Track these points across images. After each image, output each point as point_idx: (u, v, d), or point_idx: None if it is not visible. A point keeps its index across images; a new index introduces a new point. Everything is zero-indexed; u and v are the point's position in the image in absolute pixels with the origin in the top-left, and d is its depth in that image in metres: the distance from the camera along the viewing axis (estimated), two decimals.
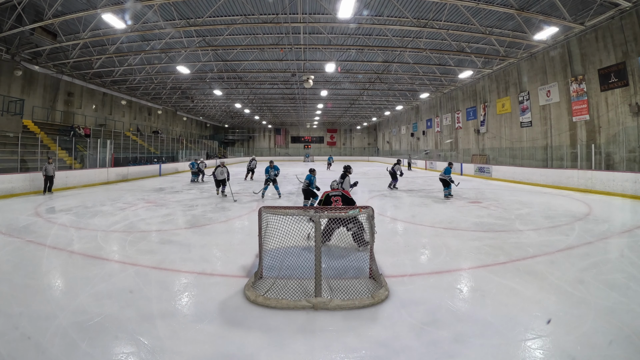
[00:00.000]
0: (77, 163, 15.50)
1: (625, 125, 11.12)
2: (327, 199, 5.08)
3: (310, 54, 17.34)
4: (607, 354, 2.35)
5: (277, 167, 10.64)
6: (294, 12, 12.31)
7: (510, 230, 5.96)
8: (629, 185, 9.65)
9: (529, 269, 4.01)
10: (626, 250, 4.75)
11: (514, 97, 17.08)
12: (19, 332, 2.61)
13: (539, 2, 11.13)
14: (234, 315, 2.95)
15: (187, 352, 2.41)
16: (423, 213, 7.77)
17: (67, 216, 7.31)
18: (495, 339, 2.56)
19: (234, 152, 46.81)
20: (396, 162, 13.06)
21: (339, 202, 4.99)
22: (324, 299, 3.10)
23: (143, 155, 22.74)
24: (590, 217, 7.00)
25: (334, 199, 5.03)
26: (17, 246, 5.03)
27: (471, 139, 21.65)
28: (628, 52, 10.84)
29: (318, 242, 3.24)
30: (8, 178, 10.43)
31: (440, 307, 3.09)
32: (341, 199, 5.04)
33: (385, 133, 43.79)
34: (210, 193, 11.58)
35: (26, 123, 16.09)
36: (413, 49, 15.68)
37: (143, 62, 17.95)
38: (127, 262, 4.31)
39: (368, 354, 2.42)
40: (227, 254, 4.73)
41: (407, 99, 28.06)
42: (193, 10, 12.21)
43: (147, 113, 29.21)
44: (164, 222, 6.74)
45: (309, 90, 24.71)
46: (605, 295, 3.24)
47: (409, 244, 5.22)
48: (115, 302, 3.14)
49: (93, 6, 10.93)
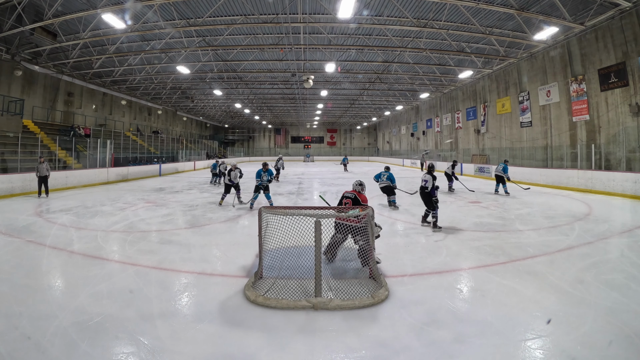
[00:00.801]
0: (77, 163, 15.49)
1: (625, 125, 11.12)
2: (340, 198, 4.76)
3: (310, 54, 17.34)
4: (607, 354, 2.35)
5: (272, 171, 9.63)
6: (294, 12, 12.31)
7: (510, 230, 5.96)
8: (629, 186, 9.64)
9: (529, 269, 4.01)
10: (626, 250, 4.75)
11: (514, 97, 17.08)
12: (19, 332, 2.61)
13: (539, 2, 11.13)
14: (234, 315, 2.95)
15: (187, 352, 2.41)
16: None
17: (67, 216, 7.31)
18: (495, 339, 2.56)
19: (234, 152, 46.81)
20: (452, 163, 12.08)
21: (349, 204, 4.53)
22: (324, 299, 3.10)
23: (143, 155, 22.74)
24: (590, 217, 7.00)
25: (345, 200, 4.62)
26: (17, 246, 5.03)
27: (471, 139, 21.65)
28: (628, 52, 10.84)
29: (318, 242, 3.24)
30: (8, 178, 10.44)
31: (440, 307, 3.09)
32: (352, 201, 4.57)
33: (385, 133, 43.79)
34: (210, 193, 11.57)
35: (26, 123, 16.09)
36: (413, 49, 15.67)
37: (143, 62, 17.95)
38: (127, 262, 4.31)
39: (368, 354, 2.42)
40: (227, 254, 4.73)
41: (407, 99, 28.05)
42: (193, 10, 12.21)
43: (147, 113, 29.21)
44: (164, 222, 6.74)
45: (309, 90, 24.71)
46: (605, 295, 3.24)
47: (409, 244, 5.22)
48: (115, 302, 3.14)
49: (93, 6, 10.93)
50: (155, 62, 18.04)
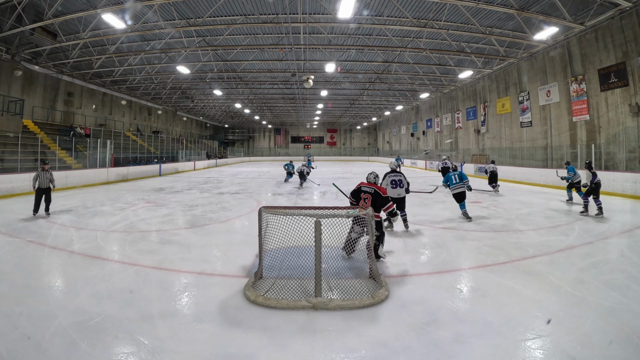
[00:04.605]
0: (77, 163, 15.49)
1: (625, 125, 11.12)
2: (358, 191, 4.45)
3: (310, 54, 17.33)
4: (607, 354, 2.35)
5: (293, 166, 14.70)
6: (294, 12, 12.31)
7: (510, 230, 5.96)
8: (629, 186, 9.65)
9: (529, 269, 4.01)
10: (626, 250, 4.75)
11: (514, 97, 17.08)
12: (19, 332, 2.61)
13: (539, 2, 11.13)
14: (234, 315, 2.95)
15: (187, 352, 2.41)
16: (423, 213, 7.77)
17: (67, 216, 7.31)
18: (495, 339, 2.56)
19: (234, 152, 46.81)
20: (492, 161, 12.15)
21: (369, 201, 4.25)
22: (324, 299, 3.10)
23: (143, 155, 22.73)
24: (590, 217, 7.00)
25: (364, 195, 4.34)
26: (17, 246, 5.02)
27: (471, 139, 21.65)
28: (628, 52, 10.84)
29: (318, 242, 3.24)
30: (8, 178, 10.43)
31: (440, 307, 3.09)
32: (371, 197, 4.29)
33: (385, 133, 43.79)
34: (210, 193, 11.59)
35: (26, 123, 16.09)
36: (413, 49, 15.67)
37: (143, 62, 17.95)
38: (127, 262, 4.31)
39: (368, 354, 2.42)
40: (227, 254, 4.73)
41: (407, 99, 28.05)
42: (193, 10, 12.21)
43: (147, 113, 29.21)
44: (164, 222, 6.74)
45: (309, 90, 24.71)
46: (605, 295, 3.24)
47: (409, 244, 5.22)
48: (115, 302, 3.14)
49: (93, 6, 10.93)
50: (155, 62, 18.04)
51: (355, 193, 4.48)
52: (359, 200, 4.39)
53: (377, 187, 4.42)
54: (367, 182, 4.60)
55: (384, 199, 4.36)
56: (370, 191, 4.35)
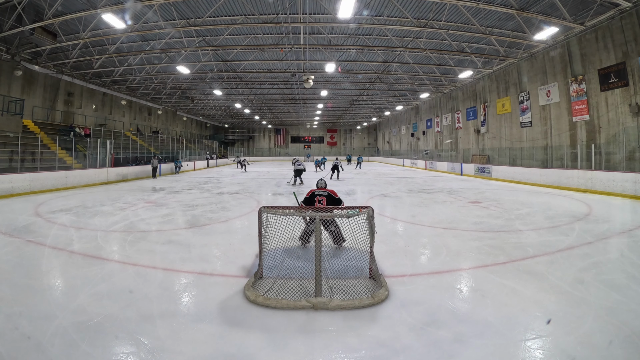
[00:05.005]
0: (77, 163, 15.49)
1: (625, 125, 11.12)
2: (311, 197, 4.93)
3: (310, 54, 17.33)
4: (607, 354, 2.35)
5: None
6: (294, 12, 12.30)
7: (510, 230, 5.96)
8: (629, 186, 9.64)
9: (529, 269, 4.01)
10: (626, 250, 4.75)
11: (514, 97, 17.08)
12: (19, 332, 2.61)
13: (539, 2, 11.13)
14: (233, 315, 2.95)
15: (187, 352, 2.41)
16: (423, 213, 7.77)
17: (67, 216, 7.31)
18: (495, 339, 2.56)
19: (234, 152, 46.78)
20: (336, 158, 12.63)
21: (324, 202, 4.81)
22: (324, 299, 3.10)
23: (143, 155, 22.72)
24: (590, 217, 7.00)
25: (318, 198, 4.87)
26: (17, 246, 5.02)
27: (471, 139, 21.65)
28: (628, 52, 10.84)
29: (318, 242, 3.24)
30: (8, 178, 10.43)
31: (440, 307, 3.09)
32: (326, 199, 4.86)
33: (385, 133, 43.79)
34: (210, 193, 11.59)
35: (26, 123, 16.09)
36: (413, 49, 15.67)
37: (143, 62, 17.95)
38: (127, 262, 4.31)
39: (368, 354, 2.42)
40: (227, 254, 4.73)
41: (407, 99, 28.05)
42: (193, 10, 12.21)
43: (147, 113, 29.20)
44: (164, 222, 6.74)
45: (309, 90, 24.71)
46: (605, 295, 3.24)
47: (409, 244, 5.22)
48: (115, 302, 3.14)
49: (93, 6, 10.93)
50: (155, 62, 18.04)
51: (308, 200, 4.95)
52: (313, 204, 4.85)
53: (330, 191, 5.03)
54: (317, 187, 5.30)
55: (337, 199, 4.97)
56: (325, 194, 4.92)
